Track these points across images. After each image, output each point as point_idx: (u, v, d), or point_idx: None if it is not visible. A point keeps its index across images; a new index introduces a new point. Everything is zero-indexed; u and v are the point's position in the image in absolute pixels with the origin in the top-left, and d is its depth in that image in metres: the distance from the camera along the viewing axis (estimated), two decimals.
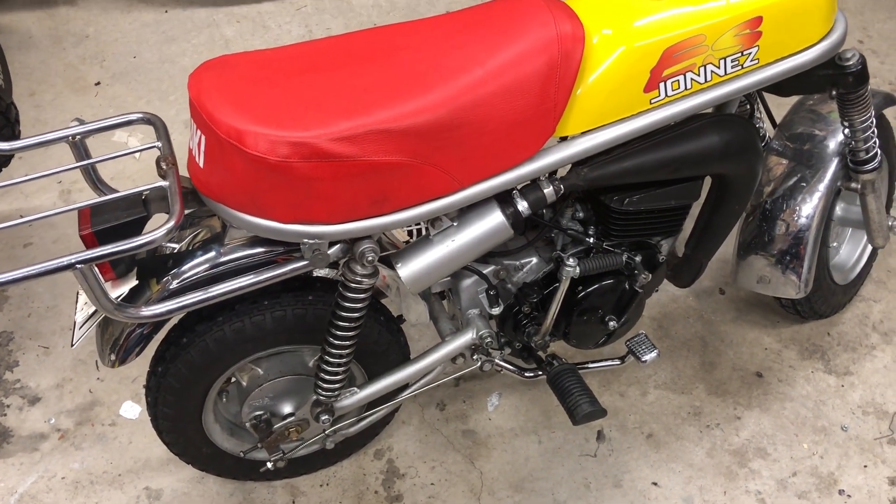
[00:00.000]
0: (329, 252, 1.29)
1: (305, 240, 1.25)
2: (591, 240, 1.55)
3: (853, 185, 1.76)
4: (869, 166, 1.71)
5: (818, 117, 1.85)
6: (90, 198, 1.22)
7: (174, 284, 1.32)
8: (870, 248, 2.10)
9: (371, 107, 1.19)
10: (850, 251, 2.09)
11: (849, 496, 1.81)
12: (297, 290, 1.47)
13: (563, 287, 1.50)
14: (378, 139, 1.18)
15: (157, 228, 1.14)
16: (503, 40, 1.27)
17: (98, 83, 2.65)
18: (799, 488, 1.82)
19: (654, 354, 1.64)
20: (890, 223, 1.92)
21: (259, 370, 1.57)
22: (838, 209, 1.96)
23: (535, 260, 1.59)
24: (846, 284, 2.05)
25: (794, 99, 1.94)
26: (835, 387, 2.00)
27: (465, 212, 1.40)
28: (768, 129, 1.89)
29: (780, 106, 1.93)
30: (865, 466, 1.86)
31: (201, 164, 1.23)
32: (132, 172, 2.34)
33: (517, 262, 1.59)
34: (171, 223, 1.15)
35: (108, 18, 2.87)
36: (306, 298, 1.47)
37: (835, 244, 2.08)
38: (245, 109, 1.17)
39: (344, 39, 1.33)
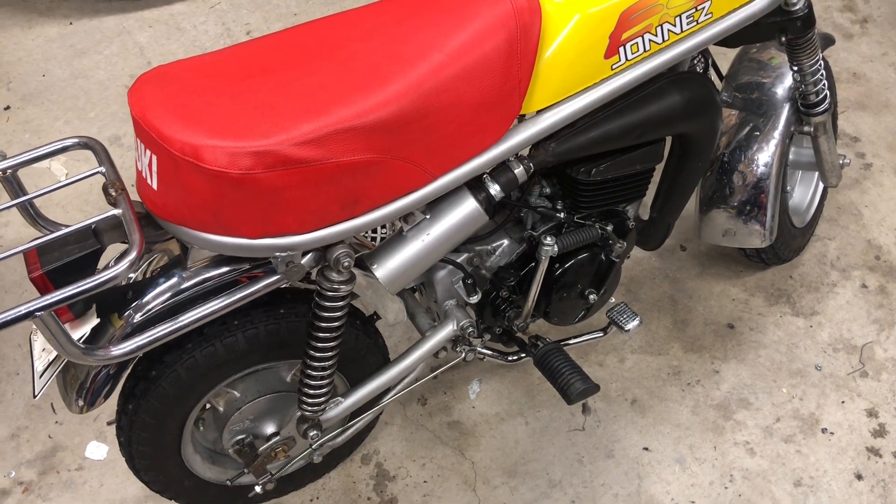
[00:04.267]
0: (302, 262, 1.22)
1: (277, 253, 1.17)
2: (562, 215, 1.51)
3: (806, 128, 1.77)
4: (820, 108, 1.72)
5: (760, 65, 1.85)
6: (26, 235, 1.12)
7: (138, 318, 1.23)
8: (821, 188, 2.13)
9: (331, 105, 1.11)
10: (802, 193, 2.12)
11: (831, 433, 1.84)
12: (267, 304, 1.40)
13: (543, 267, 1.46)
14: (344, 138, 1.11)
15: (119, 261, 1.05)
16: (458, 20, 1.21)
17: (7, 107, 2.47)
18: (784, 433, 1.84)
19: (636, 322, 1.62)
20: (841, 161, 1.95)
21: (235, 393, 1.49)
22: (790, 153, 1.97)
23: (506, 242, 1.55)
24: (804, 227, 2.07)
25: (736, 51, 1.93)
26: (804, 328, 2.03)
27: (437, 203, 1.34)
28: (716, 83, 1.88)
29: (720, 57, 1.93)
30: (843, 402, 1.89)
31: (154, 186, 1.14)
32: (60, 199, 2.20)
33: (489, 247, 1.54)
34: (134, 254, 1.06)
35: (7, 37, 2.67)
36: (278, 312, 1.40)
37: (789, 188, 2.10)
38: (196, 122, 1.09)
39: (286, 35, 1.25)
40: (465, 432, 1.85)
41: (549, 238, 1.44)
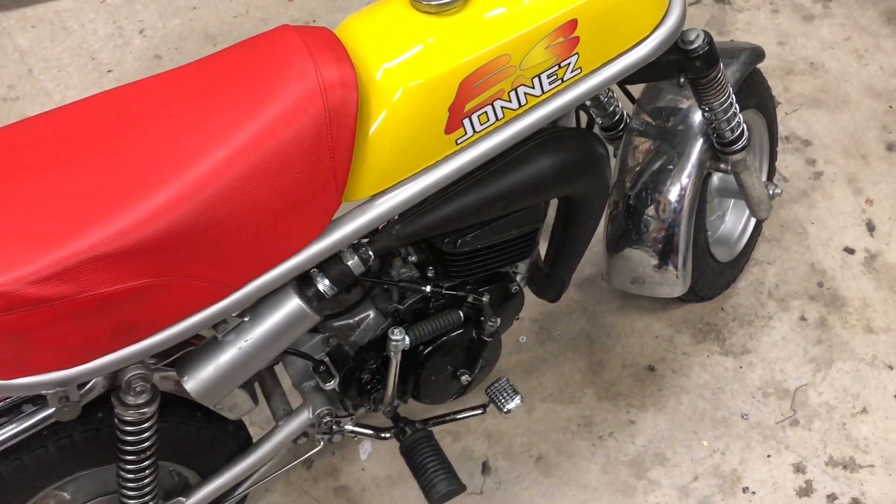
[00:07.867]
0: (78, 398, 1.05)
1: (44, 391, 1.00)
2: (428, 288, 1.33)
3: (723, 166, 1.56)
4: (737, 146, 1.51)
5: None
6: None
7: None
8: None
9: (86, 224, 0.93)
10: (734, 222, 1.91)
11: (753, 493, 1.69)
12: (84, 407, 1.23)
13: (396, 360, 1.28)
14: (100, 268, 0.92)
15: None
16: (254, 103, 1.01)
17: None
18: (701, 493, 1.69)
19: (516, 402, 1.45)
20: (770, 192, 1.74)
21: (65, 495, 1.34)
22: (715, 179, 1.77)
23: (371, 315, 1.37)
24: (732, 259, 1.87)
25: None
26: (732, 370, 1.85)
27: (259, 303, 1.15)
28: (628, 108, 1.66)
29: None
30: (769, 456, 1.73)
31: None
32: None
33: (352, 321, 1.36)
34: None
35: None
36: (96, 416, 1.23)
37: (719, 213, 1.89)
38: None
39: (63, 115, 1.05)
40: (352, 499, 1.70)
41: (397, 331, 1.25)
